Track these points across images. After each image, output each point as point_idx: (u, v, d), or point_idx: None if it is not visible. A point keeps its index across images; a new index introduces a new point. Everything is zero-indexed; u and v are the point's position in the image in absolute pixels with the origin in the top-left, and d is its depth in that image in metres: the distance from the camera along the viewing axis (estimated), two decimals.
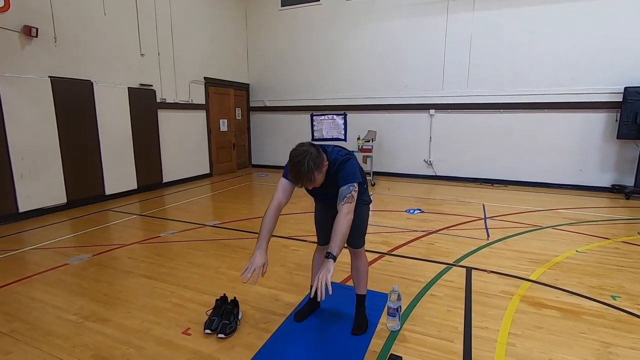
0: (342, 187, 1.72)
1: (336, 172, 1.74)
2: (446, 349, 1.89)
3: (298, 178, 1.63)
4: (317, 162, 1.63)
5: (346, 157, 1.77)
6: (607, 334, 2.02)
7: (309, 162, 1.59)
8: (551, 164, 6.22)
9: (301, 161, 1.59)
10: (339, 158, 1.76)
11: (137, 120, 5.69)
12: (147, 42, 5.86)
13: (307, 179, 1.62)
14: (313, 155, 1.62)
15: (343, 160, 1.75)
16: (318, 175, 1.66)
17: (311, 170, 1.60)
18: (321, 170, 1.67)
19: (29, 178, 4.37)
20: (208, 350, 1.90)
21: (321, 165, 1.67)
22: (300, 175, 1.61)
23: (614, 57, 5.59)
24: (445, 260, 3.07)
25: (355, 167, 1.77)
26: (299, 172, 1.61)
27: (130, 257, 3.20)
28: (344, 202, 1.70)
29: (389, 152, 7.35)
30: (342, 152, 1.83)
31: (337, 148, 1.86)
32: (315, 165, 1.61)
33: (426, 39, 6.70)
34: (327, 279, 1.54)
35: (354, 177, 1.73)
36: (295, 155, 1.62)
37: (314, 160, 1.61)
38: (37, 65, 4.42)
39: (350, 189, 1.71)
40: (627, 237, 3.67)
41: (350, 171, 1.74)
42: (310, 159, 1.60)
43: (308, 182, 1.64)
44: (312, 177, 1.62)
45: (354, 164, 1.78)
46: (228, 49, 7.82)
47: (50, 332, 2.07)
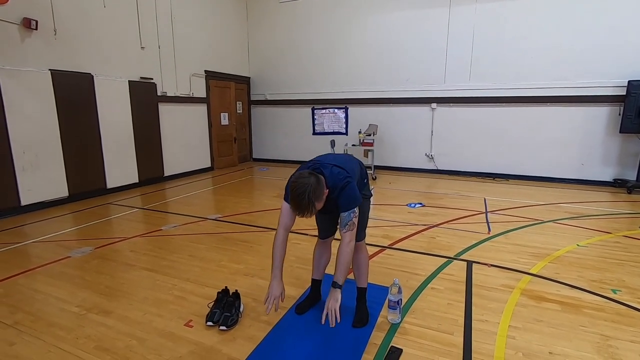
0: (343, 214, 1.77)
1: (337, 197, 1.77)
2: (446, 342, 1.90)
3: (299, 210, 1.66)
4: (317, 193, 1.65)
5: (345, 182, 1.76)
6: (607, 327, 2.03)
7: (310, 196, 1.62)
8: (553, 158, 6.20)
9: (302, 194, 1.62)
10: (339, 184, 1.76)
11: (138, 114, 5.68)
12: (147, 34, 5.82)
13: (308, 210, 1.65)
14: (313, 186, 1.63)
15: (343, 186, 1.76)
16: (318, 204, 1.69)
17: (312, 203, 1.63)
18: (322, 199, 1.70)
19: (30, 171, 4.37)
20: (210, 342, 1.91)
21: (321, 195, 1.69)
22: (301, 208, 1.65)
23: (618, 50, 5.54)
24: (446, 253, 3.08)
25: (355, 191, 1.78)
26: (300, 204, 1.64)
27: (132, 250, 3.22)
28: (346, 230, 1.77)
29: (390, 146, 7.33)
30: (341, 174, 1.79)
31: (336, 170, 1.80)
32: (315, 196, 1.64)
33: (428, 31, 6.64)
34: (336, 309, 1.78)
35: (354, 202, 1.77)
36: (296, 188, 1.64)
37: (314, 192, 1.63)
38: (37, 58, 4.41)
39: (351, 216, 1.76)
40: (629, 232, 3.67)
41: (351, 197, 1.76)
42: (310, 192, 1.62)
43: (309, 214, 1.67)
44: (312, 209, 1.65)
45: (353, 186, 1.79)
46: (229, 42, 7.77)
47: (53, 324, 2.09)
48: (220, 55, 7.53)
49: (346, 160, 1.96)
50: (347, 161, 1.96)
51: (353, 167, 1.94)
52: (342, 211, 1.78)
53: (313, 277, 2.27)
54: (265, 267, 2.85)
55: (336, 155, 2.08)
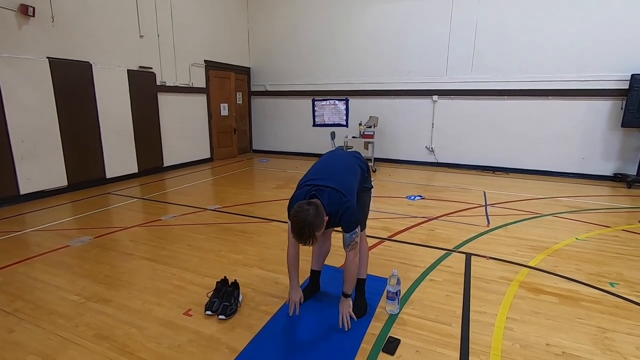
0: (345, 234, 1.82)
1: (339, 221, 1.80)
2: (444, 333, 1.91)
3: (302, 240, 1.69)
4: (317, 223, 1.67)
5: (345, 208, 1.77)
6: (604, 320, 2.04)
7: (310, 229, 1.64)
8: (554, 152, 6.18)
9: (302, 228, 1.64)
10: (339, 210, 1.77)
11: (137, 104, 5.64)
12: (146, 23, 5.75)
13: (310, 241, 1.68)
14: (312, 219, 1.64)
15: (343, 212, 1.77)
16: (319, 233, 1.71)
17: (313, 235, 1.66)
18: (322, 227, 1.72)
19: (29, 160, 4.36)
20: (209, 330, 1.92)
21: (322, 224, 1.71)
22: (303, 239, 1.67)
23: (622, 44, 5.48)
24: (445, 246, 3.08)
25: (355, 214, 1.80)
26: (302, 236, 1.67)
27: (131, 240, 3.22)
28: (350, 249, 1.85)
29: (390, 139, 7.31)
30: (340, 200, 1.77)
31: (334, 195, 1.77)
32: (316, 226, 1.66)
33: (430, 22, 6.57)
34: (349, 313, 1.95)
35: (355, 224, 1.82)
36: (297, 222, 1.65)
37: (314, 223, 1.65)
38: (34, 45, 4.35)
39: (353, 237, 1.82)
40: (628, 226, 3.67)
41: (352, 221, 1.79)
42: (310, 225, 1.64)
43: (311, 243, 1.70)
44: (313, 240, 1.68)
45: (353, 209, 1.79)
46: (229, 32, 7.68)
47: (52, 312, 2.10)
48: (220, 45, 7.46)
49: (346, 171, 1.93)
50: (347, 172, 1.93)
51: (353, 178, 1.92)
52: (345, 231, 1.82)
53: (312, 267, 2.27)
54: (265, 257, 2.86)
55: (335, 161, 2.04)
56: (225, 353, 1.75)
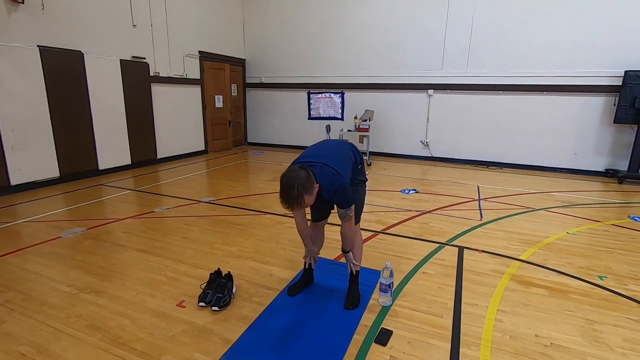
0: (340, 210, 1.87)
1: (332, 198, 1.81)
2: (436, 324, 1.94)
3: (288, 202, 1.67)
4: (307, 186, 1.66)
5: (339, 186, 1.77)
6: (592, 312, 2.08)
7: (299, 188, 1.63)
8: (547, 147, 6.23)
9: (291, 187, 1.63)
10: (332, 187, 1.77)
11: (129, 94, 5.57)
12: (139, 12, 5.65)
13: (297, 203, 1.66)
14: (303, 179, 1.65)
15: (336, 189, 1.77)
16: (308, 198, 1.70)
17: (301, 196, 1.64)
18: (311, 193, 1.70)
19: (20, 150, 4.29)
20: (202, 322, 1.93)
21: (312, 189, 1.70)
22: (290, 200, 1.66)
23: (616, 40, 5.51)
24: (438, 239, 3.11)
25: (348, 193, 1.82)
26: (289, 197, 1.65)
27: (124, 232, 3.20)
28: (345, 221, 1.91)
29: (385, 132, 7.30)
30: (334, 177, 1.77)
31: (328, 170, 1.79)
32: (305, 189, 1.65)
33: (426, 15, 6.53)
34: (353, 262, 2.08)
35: (349, 202, 1.84)
36: (286, 180, 1.66)
37: (303, 185, 1.65)
38: (24, 33, 4.26)
39: (347, 212, 1.87)
40: (617, 220, 3.72)
41: (346, 199, 1.82)
42: (300, 185, 1.63)
43: (297, 206, 1.69)
44: (301, 202, 1.66)
45: (347, 189, 1.81)
46: (224, 22, 7.58)
47: (44, 303, 2.09)
48: (215, 36, 7.36)
49: (338, 156, 1.93)
50: (339, 157, 1.93)
51: (345, 162, 1.92)
52: (340, 207, 1.87)
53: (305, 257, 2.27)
54: (259, 249, 2.86)
55: (328, 146, 2.05)
56: (218, 344, 1.76)
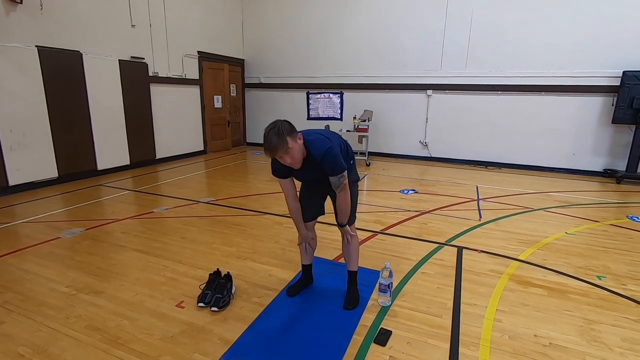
0: (332, 178, 1.81)
1: (321, 162, 1.77)
2: (435, 324, 1.94)
3: (270, 145, 1.63)
4: (288, 129, 1.65)
5: (328, 148, 1.76)
6: (590, 312, 2.08)
7: (280, 129, 1.62)
8: (546, 147, 6.24)
9: (272, 129, 1.63)
10: (324, 149, 1.75)
11: (128, 94, 5.56)
12: (138, 12, 5.64)
13: (280, 143, 1.62)
14: (284, 124, 1.66)
15: (325, 152, 1.75)
16: (292, 143, 1.66)
17: (282, 135, 1.61)
18: (295, 139, 1.68)
19: (18, 151, 4.28)
20: (201, 322, 1.92)
21: (294, 135, 1.68)
22: (272, 142, 1.62)
23: (614, 40, 5.52)
24: (437, 239, 3.11)
25: (338, 156, 1.79)
26: (270, 139, 1.62)
27: (123, 232, 3.19)
28: (340, 190, 1.85)
29: (384, 133, 7.31)
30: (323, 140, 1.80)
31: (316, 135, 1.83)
32: (286, 131, 1.63)
33: (425, 16, 6.54)
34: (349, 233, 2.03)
35: (340, 167, 1.79)
36: (269, 127, 1.66)
37: (284, 127, 1.64)
38: (23, 33, 4.25)
39: (340, 180, 1.82)
40: (616, 220, 3.73)
41: (335, 162, 1.77)
42: (280, 126, 1.63)
43: (281, 148, 1.63)
44: (284, 141, 1.62)
45: (337, 152, 1.79)
46: (223, 22, 7.58)
47: (43, 303, 2.08)
48: (214, 36, 7.35)
49: (331, 134, 1.96)
50: (331, 135, 1.95)
51: (335, 139, 1.93)
52: (330, 175, 1.81)
53: (303, 263, 2.26)
54: (258, 250, 2.86)
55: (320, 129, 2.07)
56: (217, 344, 1.76)
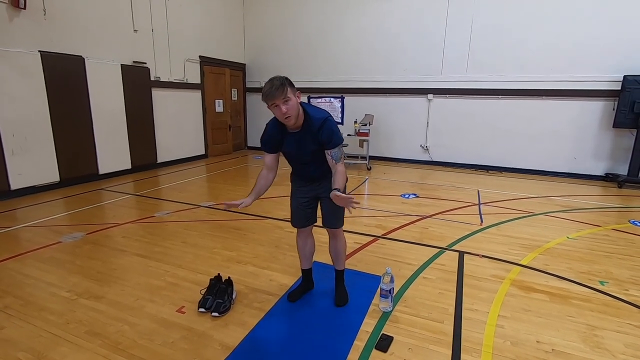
0: (332, 150, 1.84)
1: (319, 129, 1.80)
2: (436, 330, 1.93)
3: (271, 88, 1.66)
4: (290, 82, 1.71)
5: (325, 118, 1.82)
6: (593, 318, 2.07)
7: (282, 78, 1.68)
8: (547, 151, 6.24)
9: (274, 78, 1.68)
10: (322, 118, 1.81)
11: (130, 99, 5.59)
12: (140, 17, 5.68)
13: (280, 89, 1.65)
14: (286, 78, 1.72)
15: (326, 120, 1.81)
16: (291, 94, 1.70)
17: (284, 82, 1.66)
18: (294, 94, 1.72)
19: (20, 155, 4.30)
20: (202, 327, 1.92)
21: (294, 89, 1.73)
22: (272, 86, 1.66)
23: (615, 45, 5.53)
24: (438, 244, 3.10)
25: (337, 131, 1.85)
26: (272, 83, 1.67)
27: (124, 236, 3.19)
28: (339, 162, 1.86)
29: (385, 137, 7.32)
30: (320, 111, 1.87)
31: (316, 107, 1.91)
32: (288, 82, 1.69)
33: (426, 21, 6.57)
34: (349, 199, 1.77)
35: (338, 138, 1.85)
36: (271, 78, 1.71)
37: (286, 79, 1.70)
38: (26, 38, 4.29)
39: (340, 152, 1.86)
40: (618, 225, 3.72)
41: (334, 131, 1.83)
42: (283, 77, 1.70)
43: (280, 94, 1.65)
44: (284, 88, 1.66)
45: (335, 125, 1.86)
46: (224, 27, 7.63)
47: (43, 308, 2.08)
48: (215, 40, 7.40)
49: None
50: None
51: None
52: (329, 147, 1.84)
53: (303, 267, 2.26)
54: (259, 254, 2.85)
55: None
56: (218, 350, 1.75)
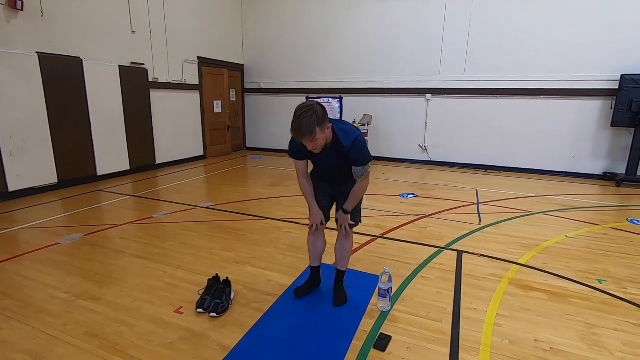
0: (357, 168, 1.84)
1: (349, 150, 1.77)
2: (435, 329, 1.93)
3: (299, 131, 1.62)
4: (321, 118, 1.63)
5: (357, 138, 1.78)
6: (591, 316, 2.07)
7: (313, 116, 1.60)
8: (545, 151, 6.25)
9: (305, 114, 1.60)
10: (352, 137, 1.77)
11: (128, 100, 5.58)
12: (138, 19, 5.68)
13: (308, 132, 1.61)
14: (318, 111, 1.63)
15: (355, 139, 1.77)
16: (320, 134, 1.65)
17: (313, 124, 1.60)
18: (323, 129, 1.67)
19: (18, 156, 4.29)
20: (200, 328, 1.92)
21: (324, 124, 1.67)
22: (301, 128, 1.61)
23: (612, 44, 5.55)
24: (436, 243, 3.10)
25: (366, 146, 1.82)
26: (300, 124, 1.60)
27: (122, 238, 3.19)
28: (363, 179, 1.88)
29: (384, 137, 7.32)
30: (352, 129, 1.83)
31: (345, 123, 1.87)
32: (318, 121, 1.61)
33: (424, 21, 6.58)
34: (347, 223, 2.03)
35: (367, 157, 1.83)
36: (301, 108, 1.63)
37: (318, 116, 1.62)
38: (23, 40, 4.28)
39: (366, 169, 1.85)
40: (616, 224, 3.73)
41: (363, 151, 1.80)
42: (314, 114, 1.61)
43: (308, 136, 1.63)
44: (313, 132, 1.61)
45: (364, 141, 1.83)
46: (222, 28, 7.63)
47: (41, 310, 2.07)
48: (214, 41, 7.40)
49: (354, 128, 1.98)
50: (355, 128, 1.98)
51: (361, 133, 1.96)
52: (357, 165, 1.83)
53: (312, 265, 2.26)
54: (257, 255, 2.85)
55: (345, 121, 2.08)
56: (216, 350, 1.75)
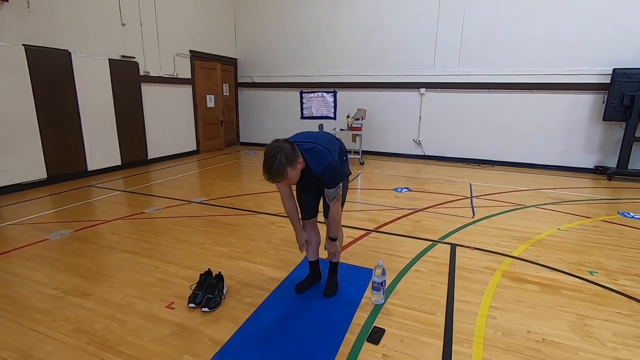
0: (329, 190, 1.86)
1: (321, 175, 1.80)
2: (428, 322, 1.93)
3: (270, 173, 1.63)
4: (290, 158, 1.64)
5: (329, 162, 1.78)
6: (583, 307, 2.08)
7: (281, 158, 1.60)
8: (538, 145, 6.28)
9: (274, 157, 1.60)
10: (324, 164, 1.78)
11: (119, 94, 5.49)
12: (128, 10, 5.57)
13: (279, 174, 1.63)
14: (287, 151, 1.63)
15: (326, 165, 1.78)
16: (291, 172, 1.67)
17: (283, 166, 1.61)
18: (295, 167, 1.68)
19: (5, 152, 4.20)
20: (192, 323, 1.89)
21: (295, 162, 1.67)
22: (272, 171, 1.62)
23: (605, 38, 5.57)
24: (430, 237, 3.11)
25: (338, 169, 1.84)
26: (270, 167, 1.61)
27: (113, 233, 3.14)
28: (334, 202, 1.91)
29: (378, 131, 7.31)
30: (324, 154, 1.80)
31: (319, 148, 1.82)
32: (287, 161, 1.62)
33: (418, 15, 6.54)
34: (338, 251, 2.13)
35: (339, 179, 1.86)
36: (270, 150, 1.63)
37: (287, 156, 1.62)
38: (9, 32, 4.17)
39: (337, 191, 1.87)
40: (607, 216, 3.76)
41: (336, 176, 1.83)
42: (282, 155, 1.61)
43: (279, 178, 1.65)
44: (283, 173, 1.63)
45: (337, 165, 1.83)
46: (215, 21, 7.52)
47: (29, 307, 2.04)
48: (206, 34, 7.29)
49: (327, 139, 1.97)
50: (327, 140, 1.96)
51: (333, 146, 1.96)
52: (327, 188, 1.86)
53: (310, 259, 2.26)
54: (250, 249, 2.83)
55: (315, 133, 2.05)
56: (208, 345, 1.73)
